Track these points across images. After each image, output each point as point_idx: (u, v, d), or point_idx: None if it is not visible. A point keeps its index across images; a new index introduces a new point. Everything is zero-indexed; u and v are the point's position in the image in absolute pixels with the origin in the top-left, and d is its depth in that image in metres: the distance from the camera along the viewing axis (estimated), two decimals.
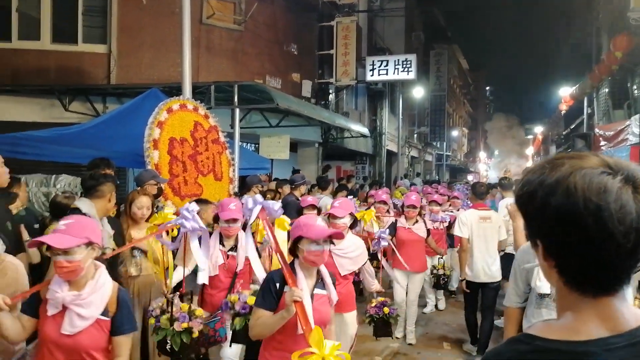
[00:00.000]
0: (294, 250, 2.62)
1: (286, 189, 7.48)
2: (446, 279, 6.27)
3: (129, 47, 10.07)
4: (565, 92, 20.37)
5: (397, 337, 5.61)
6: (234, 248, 3.74)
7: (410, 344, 5.61)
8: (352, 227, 3.96)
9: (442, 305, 7.25)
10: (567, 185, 0.83)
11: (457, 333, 6.08)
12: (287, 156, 11.38)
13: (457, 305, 7.19)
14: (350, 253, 3.72)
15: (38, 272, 3.57)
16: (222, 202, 3.73)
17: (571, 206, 0.82)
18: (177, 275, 3.42)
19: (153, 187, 4.64)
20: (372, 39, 19.21)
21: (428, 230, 5.66)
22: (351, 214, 3.90)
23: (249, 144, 12.30)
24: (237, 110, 8.29)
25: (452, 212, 7.43)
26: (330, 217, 3.78)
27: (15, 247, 3.16)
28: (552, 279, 0.91)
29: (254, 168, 8.45)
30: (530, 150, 46.23)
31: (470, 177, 35.06)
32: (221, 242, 3.74)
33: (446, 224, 6.91)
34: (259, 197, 3.32)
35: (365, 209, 5.72)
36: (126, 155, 5.73)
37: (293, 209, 5.32)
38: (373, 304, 4.17)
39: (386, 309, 4.07)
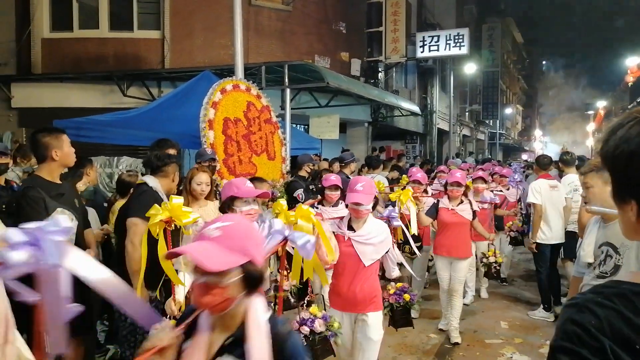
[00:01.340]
0: None
1: (336, 167, 7.48)
2: (498, 267, 5.65)
3: (181, 32, 10.31)
4: (632, 62, 19.09)
5: (441, 330, 5.17)
6: None
7: (455, 343, 4.89)
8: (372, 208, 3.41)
9: (484, 293, 6.43)
10: None
11: (513, 318, 5.93)
12: (336, 136, 11.36)
13: (505, 296, 6.99)
14: (373, 239, 3.22)
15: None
16: (232, 182, 2.95)
17: None
18: (185, 286, 2.74)
19: (202, 166, 4.80)
20: (422, 15, 18.67)
21: (474, 212, 4.96)
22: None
23: (299, 126, 12.36)
24: (288, 91, 8.33)
25: (500, 191, 6.76)
26: (354, 204, 3.17)
27: (83, 224, 3.32)
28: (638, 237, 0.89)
29: (304, 148, 8.49)
30: (590, 127, 43.81)
31: (524, 156, 33.74)
32: None
33: (495, 203, 6.19)
34: (277, 222, 2.35)
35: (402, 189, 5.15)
36: (182, 136, 5.89)
37: (344, 187, 5.29)
38: (391, 291, 3.66)
39: (407, 296, 3.58)
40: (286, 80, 8.27)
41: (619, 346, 0.77)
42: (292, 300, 3.46)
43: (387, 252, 3.32)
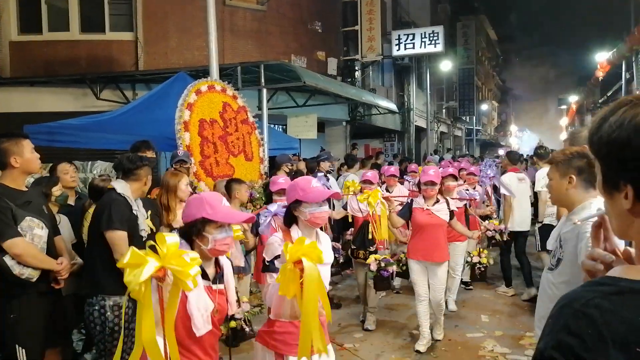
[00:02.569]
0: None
1: (324, 165, 7.50)
2: (484, 268, 5.25)
3: (155, 33, 10.16)
4: (601, 58, 19.53)
5: (418, 351, 4.60)
6: (219, 278, 2.25)
7: (437, 340, 4.76)
8: None
9: (452, 305, 5.75)
10: None
11: (493, 312, 6.00)
12: (315, 135, 11.35)
13: (485, 290, 7.05)
14: (329, 257, 2.63)
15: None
16: (202, 197, 2.20)
17: None
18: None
19: (182, 168, 4.78)
20: (397, 13, 18.80)
21: (451, 212, 4.57)
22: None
23: (276, 126, 12.31)
24: (265, 91, 8.28)
25: (467, 190, 6.12)
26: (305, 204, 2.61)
27: (53, 231, 3.22)
28: (632, 228, 0.86)
29: (283, 148, 8.45)
30: (564, 121, 44.78)
31: (501, 152, 34.26)
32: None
33: (473, 199, 5.99)
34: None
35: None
36: (158, 139, 5.78)
37: None
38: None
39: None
40: (262, 80, 8.22)
41: (619, 350, 0.73)
42: (247, 329, 3.25)
43: None
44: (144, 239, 3.27)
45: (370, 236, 4.70)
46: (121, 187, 3.14)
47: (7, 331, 2.92)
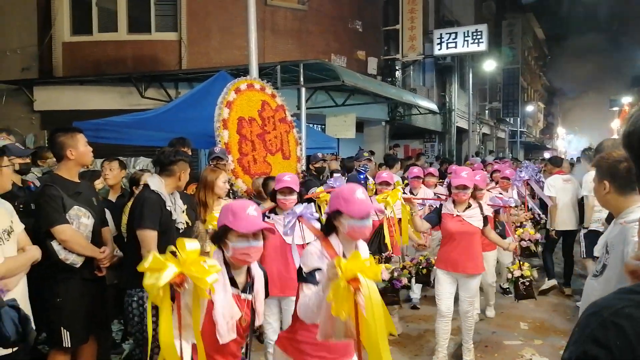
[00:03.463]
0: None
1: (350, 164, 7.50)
2: (528, 282, 4.71)
3: (198, 33, 10.39)
4: None
5: None
6: (249, 287, 2.25)
7: None
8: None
9: (490, 311, 5.66)
10: None
11: (533, 319, 5.79)
12: (353, 135, 11.30)
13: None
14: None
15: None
16: (229, 206, 2.21)
17: None
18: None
19: (221, 164, 4.88)
20: (440, 12, 18.46)
21: (485, 218, 4.18)
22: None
23: (315, 125, 12.33)
24: (303, 90, 8.30)
25: (500, 194, 5.67)
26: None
27: (100, 222, 3.37)
28: None
29: (321, 147, 8.46)
30: (615, 123, 42.79)
31: (546, 155, 33.08)
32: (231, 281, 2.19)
33: (509, 207, 5.46)
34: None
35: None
36: (199, 136, 5.93)
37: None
38: None
39: None
40: (302, 79, 8.25)
41: None
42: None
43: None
44: (180, 231, 3.37)
45: (386, 241, 4.27)
46: (154, 182, 3.22)
47: (53, 314, 3.08)
